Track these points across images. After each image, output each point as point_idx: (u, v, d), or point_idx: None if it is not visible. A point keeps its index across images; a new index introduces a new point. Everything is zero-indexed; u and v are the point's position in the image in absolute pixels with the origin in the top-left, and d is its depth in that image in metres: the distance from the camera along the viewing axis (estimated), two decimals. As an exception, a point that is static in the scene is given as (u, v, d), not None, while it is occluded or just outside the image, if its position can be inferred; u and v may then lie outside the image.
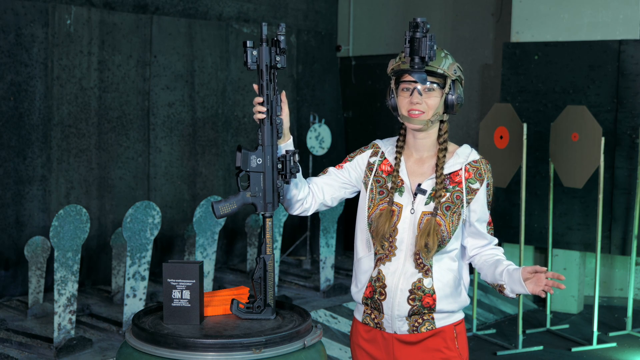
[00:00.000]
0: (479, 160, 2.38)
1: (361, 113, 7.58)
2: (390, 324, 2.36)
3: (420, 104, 2.30)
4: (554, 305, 6.13)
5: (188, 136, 6.17)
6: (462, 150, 2.39)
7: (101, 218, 5.67)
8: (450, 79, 2.31)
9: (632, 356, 5.16)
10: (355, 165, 2.46)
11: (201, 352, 2.07)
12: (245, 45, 2.22)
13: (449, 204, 2.32)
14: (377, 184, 2.40)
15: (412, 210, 2.33)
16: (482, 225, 2.37)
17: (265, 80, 2.24)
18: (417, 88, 2.30)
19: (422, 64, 2.21)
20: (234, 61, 6.44)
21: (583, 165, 5.21)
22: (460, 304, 2.39)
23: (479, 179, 2.35)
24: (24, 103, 5.24)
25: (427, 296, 2.32)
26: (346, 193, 2.48)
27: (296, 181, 2.35)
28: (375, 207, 2.36)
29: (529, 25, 6.35)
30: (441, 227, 2.30)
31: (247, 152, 2.25)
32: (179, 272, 2.25)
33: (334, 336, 4.95)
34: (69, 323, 4.17)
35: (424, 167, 2.38)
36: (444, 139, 2.37)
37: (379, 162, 2.43)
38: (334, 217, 5.65)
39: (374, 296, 2.38)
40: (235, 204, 2.28)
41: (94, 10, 5.55)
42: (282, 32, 2.23)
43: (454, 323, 2.39)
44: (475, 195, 2.34)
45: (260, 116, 2.24)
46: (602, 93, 5.96)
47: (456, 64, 2.33)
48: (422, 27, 2.19)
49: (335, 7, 7.50)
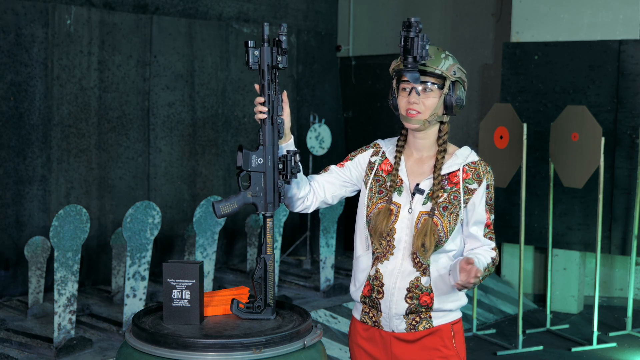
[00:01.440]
0: (477, 162, 2.38)
1: (361, 113, 7.58)
2: (388, 323, 2.37)
3: (417, 103, 2.31)
4: (554, 305, 6.13)
5: (188, 136, 6.17)
6: (462, 152, 2.40)
7: (101, 218, 5.67)
8: (450, 80, 2.31)
9: (632, 356, 5.16)
10: (356, 164, 2.47)
11: (201, 352, 2.07)
12: (247, 45, 2.22)
13: (446, 204, 2.32)
14: (376, 183, 2.41)
15: (410, 210, 2.34)
16: (478, 228, 2.36)
17: (266, 80, 2.25)
18: (415, 88, 2.30)
19: (415, 64, 2.23)
20: (234, 61, 6.44)
21: (583, 165, 5.21)
22: (458, 303, 2.39)
23: (477, 179, 2.35)
24: (24, 103, 5.24)
25: (425, 295, 2.33)
26: (347, 192, 2.49)
27: (297, 180, 2.35)
28: (373, 206, 2.38)
29: (529, 25, 6.36)
30: (438, 228, 2.30)
31: (248, 152, 2.25)
32: (179, 272, 2.25)
33: (334, 336, 4.95)
34: (69, 323, 4.17)
35: (424, 167, 2.38)
36: (444, 140, 2.37)
37: (379, 161, 2.44)
38: (334, 217, 5.65)
39: (372, 295, 2.39)
40: (236, 204, 2.28)
41: (94, 10, 5.55)
42: (284, 32, 2.23)
43: (452, 322, 2.39)
44: (472, 195, 2.34)
45: (262, 116, 2.24)
46: (602, 93, 5.96)
47: (457, 66, 2.33)
48: (415, 27, 2.20)
49: (335, 7, 7.50)
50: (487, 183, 2.36)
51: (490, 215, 2.38)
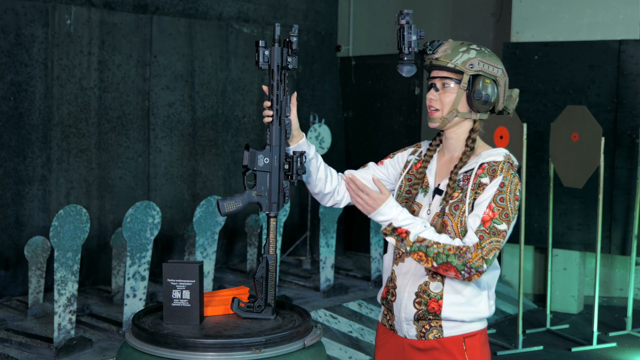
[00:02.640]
0: (500, 162, 2.20)
1: (361, 113, 7.58)
2: (400, 327, 2.30)
3: (435, 100, 2.24)
4: (554, 305, 6.13)
5: (188, 136, 6.17)
6: (489, 152, 2.24)
7: (101, 218, 5.67)
8: (468, 74, 2.21)
9: (632, 356, 5.16)
10: (394, 163, 2.43)
11: (201, 352, 2.06)
12: (257, 45, 2.23)
13: (457, 202, 2.19)
14: (407, 182, 2.36)
15: (429, 211, 2.26)
16: (473, 221, 2.14)
17: (275, 80, 2.24)
18: (434, 84, 2.24)
19: (409, 56, 2.19)
20: (234, 61, 6.44)
21: (583, 165, 5.21)
22: (474, 314, 2.24)
23: (491, 174, 2.18)
24: (24, 103, 5.24)
25: (433, 301, 2.22)
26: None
27: (326, 173, 2.34)
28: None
29: (529, 25, 6.35)
30: (447, 228, 2.18)
31: (255, 151, 2.26)
32: (179, 272, 2.25)
33: (334, 336, 4.95)
34: (69, 323, 4.17)
35: (450, 167, 2.29)
36: (472, 139, 2.25)
37: (415, 160, 2.39)
38: (334, 217, 5.65)
39: (387, 297, 2.34)
40: (240, 202, 2.28)
41: (94, 10, 5.55)
42: (295, 33, 2.23)
43: (465, 334, 2.24)
44: (483, 190, 2.17)
45: (268, 120, 2.25)
46: (602, 93, 5.96)
47: (478, 59, 2.21)
48: (403, 17, 2.18)
49: (335, 7, 7.50)
50: (503, 181, 2.16)
51: (496, 215, 2.13)
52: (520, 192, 2.20)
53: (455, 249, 2.12)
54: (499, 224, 2.13)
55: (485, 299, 2.26)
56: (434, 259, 2.12)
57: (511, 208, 2.15)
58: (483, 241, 2.12)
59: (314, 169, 2.34)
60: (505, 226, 2.13)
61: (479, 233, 2.13)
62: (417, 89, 7.23)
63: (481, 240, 2.12)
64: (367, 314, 5.35)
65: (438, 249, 2.12)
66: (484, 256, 2.11)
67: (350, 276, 6.33)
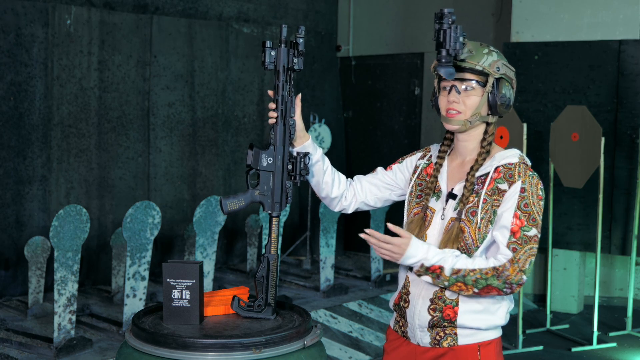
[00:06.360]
0: (516, 164, 2.17)
1: (361, 113, 7.58)
2: (413, 334, 2.25)
3: (457, 103, 2.18)
4: (554, 305, 6.13)
5: (188, 136, 6.17)
6: (503, 153, 2.21)
7: (101, 218, 5.67)
8: (493, 76, 2.16)
9: (632, 356, 5.16)
10: (403, 167, 2.40)
11: (201, 352, 2.06)
12: (264, 46, 2.23)
13: (474, 208, 2.15)
14: (418, 187, 2.33)
15: (443, 216, 2.22)
16: (501, 234, 2.12)
17: (281, 81, 2.24)
18: (455, 86, 2.17)
19: (449, 58, 2.11)
20: (234, 61, 6.44)
21: (583, 165, 5.21)
22: (491, 322, 2.19)
23: (508, 179, 2.14)
24: (24, 103, 5.24)
25: (448, 308, 2.17)
26: (392, 195, 2.42)
27: (333, 177, 2.34)
28: (410, 211, 2.31)
29: (529, 25, 6.35)
30: (465, 234, 2.14)
31: (259, 151, 2.26)
32: (179, 272, 2.25)
33: (334, 336, 4.95)
34: (69, 323, 4.17)
35: (463, 171, 2.25)
36: (488, 142, 2.21)
37: (424, 164, 2.35)
38: (334, 217, 5.65)
39: (400, 303, 2.29)
40: (243, 201, 2.28)
41: (94, 10, 5.55)
42: (302, 34, 2.24)
43: (480, 342, 2.19)
44: (502, 197, 2.13)
45: (271, 121, 2.26)
46: (602, 93, 5.96)
47: (501, 61, 2.17)
48: (448, 18, 2.10)
49: (335, 7, 7.50)
50: (523, 186, 2.12)
51: (524, 223, 2.10)
52: (543, 189, 2.17)
53: (492, 270, 2.09)
54: (529, 230, 2.11)
55: (505, 308, 2.23)
56: (474, 286, 2.10)
57: (537, 211, 2.13)
58: (517, 253, 2.10)
59: (320, 172, 2.34)
60: (535, 231, 2.11)
61: (512, 245, 2.10)
62: (417, 89, 7.23)
63: (515, 252, 2.10)
64: (367, 314, 5.35)
65: (475, 275, 2.09)
66: (521, 268, 2.09)
67: (351, 276, 6.33)
